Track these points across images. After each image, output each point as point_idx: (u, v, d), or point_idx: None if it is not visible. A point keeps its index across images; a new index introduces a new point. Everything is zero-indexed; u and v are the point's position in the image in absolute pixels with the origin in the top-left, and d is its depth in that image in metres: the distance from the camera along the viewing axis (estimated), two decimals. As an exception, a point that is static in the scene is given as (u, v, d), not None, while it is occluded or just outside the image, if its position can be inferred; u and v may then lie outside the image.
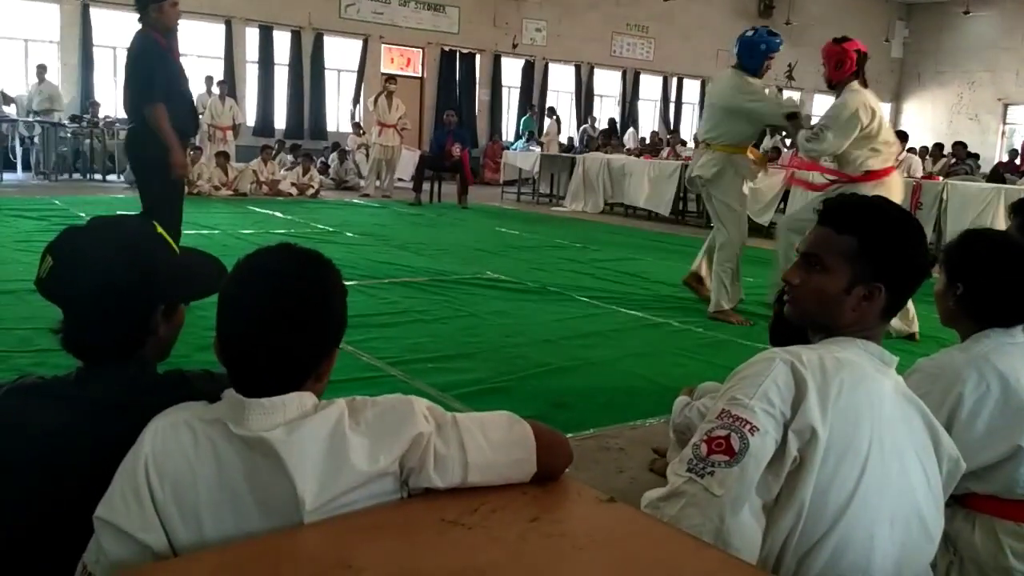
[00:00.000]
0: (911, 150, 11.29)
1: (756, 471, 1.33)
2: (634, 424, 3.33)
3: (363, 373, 3.70)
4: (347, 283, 1.27)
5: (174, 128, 4.43)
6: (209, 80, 13.34)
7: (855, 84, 4.82)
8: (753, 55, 5.20)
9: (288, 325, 1.17)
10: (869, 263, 1.47)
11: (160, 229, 1.42)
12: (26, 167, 12.67)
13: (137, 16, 4.48)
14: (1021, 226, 2.54)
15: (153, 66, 4.40)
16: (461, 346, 4.30)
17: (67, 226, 1.37)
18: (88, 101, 13.39)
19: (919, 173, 9.24)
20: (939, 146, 13.04)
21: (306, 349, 1.20)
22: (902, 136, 10.63)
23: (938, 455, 1.48)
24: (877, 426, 1.39)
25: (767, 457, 1.34)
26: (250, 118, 15.17)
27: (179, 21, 4.63)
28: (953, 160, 12.11)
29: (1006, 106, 22.42)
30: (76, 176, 12.82)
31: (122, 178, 12.42)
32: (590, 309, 5.42)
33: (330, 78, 16.46)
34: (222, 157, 11.82)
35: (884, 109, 4.96)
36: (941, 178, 9.01)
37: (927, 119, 23.67)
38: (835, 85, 4.88)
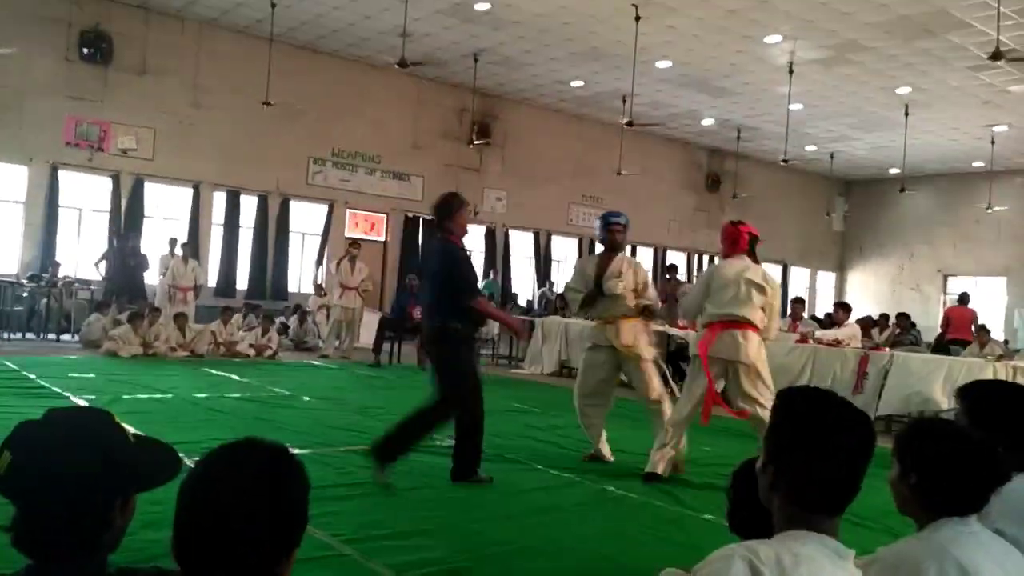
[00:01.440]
0: (857, 321, 11.63)
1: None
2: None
3: (317, 552, 3.53)
4: (301, 452, 1.27)
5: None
6: (173, 242, 13.50)
7: (734, 260, 5.44)
8: (598, 231, 6.58)
9: (249, 532, 1.16)
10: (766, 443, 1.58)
11: (116, 419, 1.41)
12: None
13: (439, 227, 5.32)
14: (968, 410, 2.60)
15: (469, 269, 5.31)
16: (418, 521, 4.19)
17: (22, 421, 1.36)
18: (49, 261, 13.38)
19: (857, 343, 9.54)
20: (884, 316, 13.49)
21: (267, 554, 1.19)
22: (844, 307, 10.95)
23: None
24: (837, 623, 1.39)
25: (732, 660, 1.33)
26: (212, 278, 15.23)
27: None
28: (898, 331, 12.50)
29: (945, 277, 23.46)
30: (30, 335, 12.63)
31: (76, 337, 12.25)
32: (550, 480, 5.36)
33: (294, 240, 16.73)
34: (181, 318, 11.78)
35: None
36: (887, 349, 9.27)
37: (871, 290, 24.62)
38: (726, 258, 5.55)
